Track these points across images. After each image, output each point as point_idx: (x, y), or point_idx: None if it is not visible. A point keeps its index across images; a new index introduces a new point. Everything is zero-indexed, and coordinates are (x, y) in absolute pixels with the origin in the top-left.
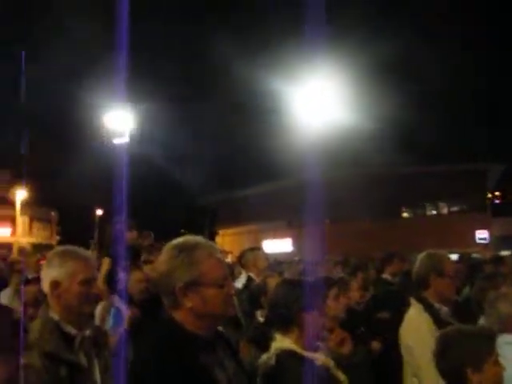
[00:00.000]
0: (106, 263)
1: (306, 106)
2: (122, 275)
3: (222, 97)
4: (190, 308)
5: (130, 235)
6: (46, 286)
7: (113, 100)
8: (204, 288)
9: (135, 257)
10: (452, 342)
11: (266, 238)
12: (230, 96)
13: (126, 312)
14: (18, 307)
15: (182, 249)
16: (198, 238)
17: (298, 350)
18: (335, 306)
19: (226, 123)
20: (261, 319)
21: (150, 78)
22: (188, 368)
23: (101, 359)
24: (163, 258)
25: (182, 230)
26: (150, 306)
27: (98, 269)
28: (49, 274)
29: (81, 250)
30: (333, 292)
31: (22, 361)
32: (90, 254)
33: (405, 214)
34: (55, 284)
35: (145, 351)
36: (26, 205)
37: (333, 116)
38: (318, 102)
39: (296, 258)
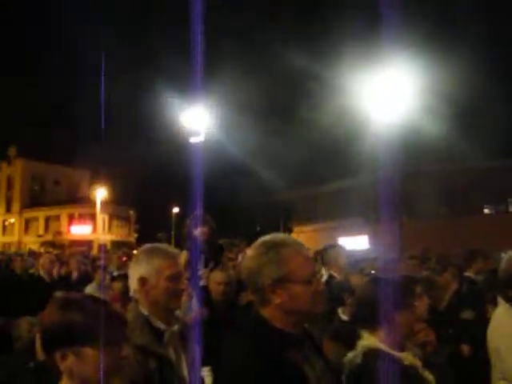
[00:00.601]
0: (182, 257)
1: (381, 99)
2: (200, 272)
3: (298, 94)
4: (279, 305)
5: (203, 230)
6: (134, 282)
7: (189, 98)
8: (292, 285)
9: (218, 254)
10: None
11: (342, 235)
12: (305, 92)
13: (198, 311)
14: None
15: (271, 246)
16: (286, 236)
17: (386, 348)
18: (419, 304)
19: (301, 120)
20: (342, 316)
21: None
22: (280, 365)
23: (188, 353)
24: (251, 255)
25: (258, 228)
26: (225, 308)
27: None
28: (137, 270)
29: (167, 247)
30: (417, 290)
31: (125, 352)
32: (177, 251)
33: (486, 211)
34: (143, 280)
35: (236, 349)
36: (105, 204)
37: (409, 110)
38: (395, 95)
39: (372, 256)
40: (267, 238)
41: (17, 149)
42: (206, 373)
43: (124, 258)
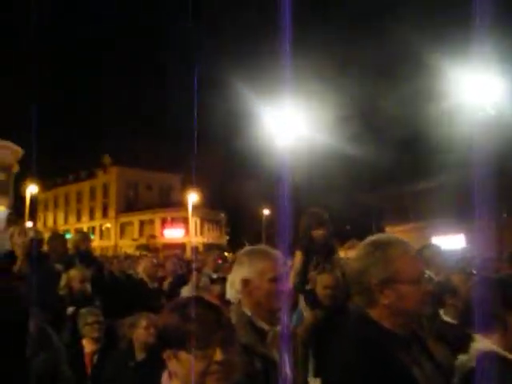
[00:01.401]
0: (297, 257)
1: (475, 94)
2: (312, 275)
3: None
4: (387, 305)
5: (321, 232)
6: (236, 283)
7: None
8: (400, 285)
9: (327, 256)
10: None
11: (435, 234)
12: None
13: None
14: None
15: (377, 246)
16: (392, 236)
17: (501, 352)
18: None
19: (392, 118)
20: (445, 318)
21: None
22: (390, 367)
23: (291, 354)
24: (358, 255)
25: (348, 227)
26: (331, 313)
27: None
28: (239, 272)
29: (269, 249)
30: None
31: (222, 356)
32: (279, 252)
33: None
34: (246, 282)
35: (345, 350)
36: (196, 207)
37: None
38: (487, 89)
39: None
40: (373, 237)
41: (111, 157)
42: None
43: (219, 261)
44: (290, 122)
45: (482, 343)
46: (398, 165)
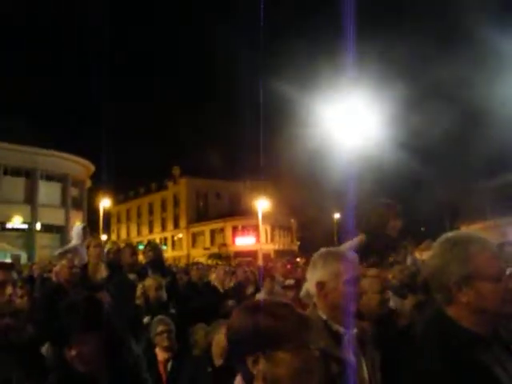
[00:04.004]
0: (354, 240)
1: None
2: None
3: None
4: (466, 303)
5: (396, 223)
6: (312, 286)
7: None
8: (480, 282)
9: (385, 255)
10: None
11: None
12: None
13: None
14: None
15: (456, 243)
16: (471, 232)
17: None
18: None
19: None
20: None
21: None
22: (470, 367)
23: (367, 356)
24: (436, 253)
25: (423, 229)
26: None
27: None
28: (314, 275)
29: (343, 251)
30: None
31: (313, 355)
32: (354, 254)
33: None
34: (321, 285)
35: (424, 349)
36: (267, 214)
37: None
38: None
39: None
40: (451, 234)
41: (180, 168)
42: None
43: (288, 266)
44: (357, 122)
45: None
46: (475, 158)
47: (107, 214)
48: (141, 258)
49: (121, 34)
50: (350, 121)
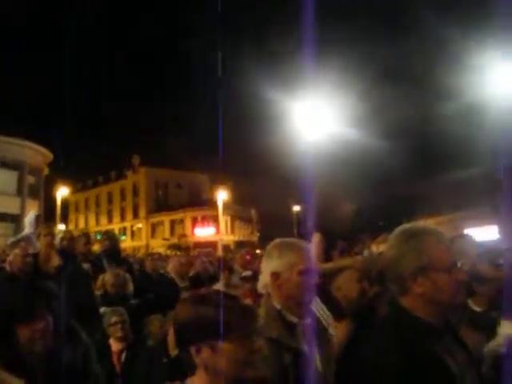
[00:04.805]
0: (316, 241)
1: (505, 86)
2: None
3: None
4: (420, 294)
5: (348, 210)
6: (266, 277)
7: (305, 91)
8: (435, 273)
9: (346, 247)
10: None
11: (469, 226)
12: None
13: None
14: None
15: (412, 235)
16: (426, 224)
17: None
18: None
19: (423, 110)
20: (473, 307)
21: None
22: (423, 357)
23: (321, 347)
24: (391, 244)
25: (381, 223)
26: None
27: None
28: (269, 265)
29: (298, 242)
30: None
31: (258, 345)
32: (308, 245)
33: None
34: (275, 275)
35: (377, 339)
36: (227, 205)
37: None
38: None
39: (504, 246)
40: (407, 226)
41: (140, 157)
42: None
43: (247, 257)
44: (318, 117)
45: (510, 328)
46: (430, 156)
47: (65, 203)
48: (97, 247)
49: (77, 19)
50: (312, 116)
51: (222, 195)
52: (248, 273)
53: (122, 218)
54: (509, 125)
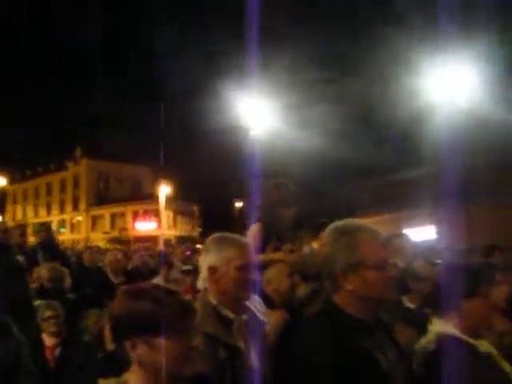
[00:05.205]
0: (254, 231)
1: (447, 89)
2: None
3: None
4: (351, 291)
5: (292, 210)
6: (203, 271)
7: (249, 90)
8: (366, 270)
9: (283, 241)
10: None
11: (408, 225)
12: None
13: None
14: None
15: (344, 231)
16: (359, 222)
17: (459, 335)
18: (496, 293)
19: (366, 109)
20: (408, 304)
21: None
22: (353, 353)
23: (256, 343)
24: (324, 241)
25: (322, 220)
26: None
27: None
28: (206, 260)
29: (237, 237)
30: (494, 278)
31: (193, 342)
32: (247, 240)
33: None
34: (212, 269)
35: (308, 336)
36: (169, 200)
37: (474, 98)
38: (460, 85)
39: (440, 246)
40: (341, 223)
41: (82, 149)
42: None
43: (188, 252)
44: (262, 114)
45: (441, 326)
46: (372, 157)
47: (2, 194)
48: (34, 239)
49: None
50: (256, 114)
51: (164, 189)
52: (188, 266)
53: (62, 210)
54: (452, 128)
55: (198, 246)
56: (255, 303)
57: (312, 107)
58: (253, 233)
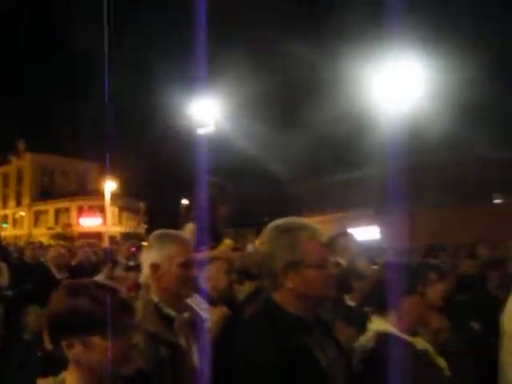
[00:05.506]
0: (188, 231)
1: (392, 89)
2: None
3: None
4: (291, 289)
5: (226, 208)
6: (146, 268)
7: (197, 90)
8: (305, 269)
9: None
10: None
11: (352, 225)
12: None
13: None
14: None
15: (284, 230)
16: (300, 220)
17: (397, 333)
18: (432, 291)
19: (312, 110)
20: (350, 303)
21: (235, 68)
22: (292, 351)
23: (199, 342)
24: (264, 239)
25: (266, 219)
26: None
27: None
28: (148, 256)
29: (179, 233)
30: (431, 277)
31: (132, 341)
32: (189, 237)
33: (496, 200)
34: (155, 267)
35: (248, 334)
36: (115, 196)
37: (418, 100)
38: (402, 86)
39: (383, 246)
40: (281, 221)
41: (26, 142)
42: None
43: (133, 249)
44: (209, 112)
45: (380, 325)
46: (318, 158)
47: None
48: None
49: None
50: (203, 111)
51: (110, 185)
52: (132, 263)
53: (4, 206)
54: (396, 130)
55: (144, 242)
56: (197, 301)
57: (260, 109)
58: (188, 232)
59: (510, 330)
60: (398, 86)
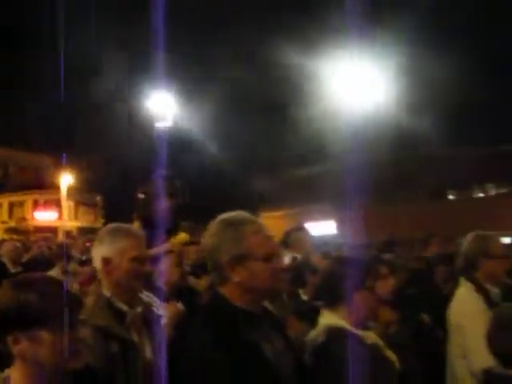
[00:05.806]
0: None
1: (349, 87)
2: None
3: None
4: (238, 282)
5: (167, 204)
6: (97, 262)
7: (156, 84)
8: (251, 262)
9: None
10: (507, 322)
11: (309, 220)
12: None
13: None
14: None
15: (230, 223)
16: (245, 214)
17: (348, 327)
18: (383, 285)
19: (270, 106)
20: (304, 297)
21: (194, 62)
22: (238, 344)
23: (151, 337)
24: (210, 233)
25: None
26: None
27: None
28: (100, 251)
29: (132, 228)
30: (381, 271)
31: (79, 335)
32: (142, 231)
33: (450, 197)
34: (106, 261)
35: (194, 328)
36: (71, 190)
37: (376, 97)
38: (361, 82)
39: (339, 241)
40: (226, 215)
41: None
42: None
43: (88, 244)
44: (168, 106)
45: (330, 319)
46: (277, 153)
47: None
48: None
49: None
50: (162, 104)
51: (66, 179)
52: (86, 257)
53: None
54: (355, 126)
55: None
56: (151, 296)
57: (220, 103)
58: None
59: (455, 323)
60: (357, 85)
